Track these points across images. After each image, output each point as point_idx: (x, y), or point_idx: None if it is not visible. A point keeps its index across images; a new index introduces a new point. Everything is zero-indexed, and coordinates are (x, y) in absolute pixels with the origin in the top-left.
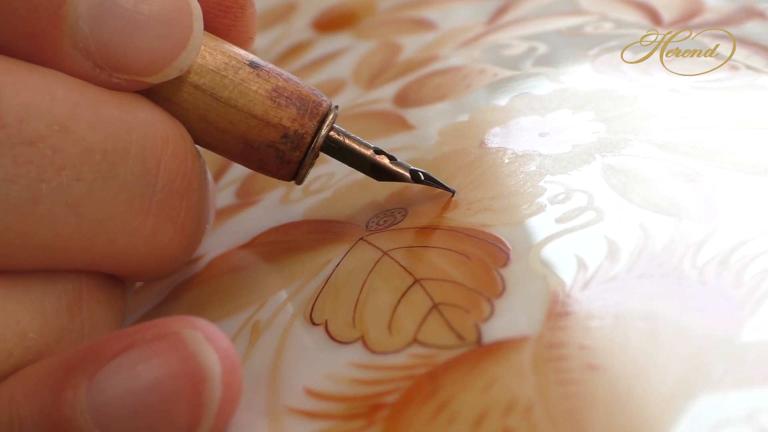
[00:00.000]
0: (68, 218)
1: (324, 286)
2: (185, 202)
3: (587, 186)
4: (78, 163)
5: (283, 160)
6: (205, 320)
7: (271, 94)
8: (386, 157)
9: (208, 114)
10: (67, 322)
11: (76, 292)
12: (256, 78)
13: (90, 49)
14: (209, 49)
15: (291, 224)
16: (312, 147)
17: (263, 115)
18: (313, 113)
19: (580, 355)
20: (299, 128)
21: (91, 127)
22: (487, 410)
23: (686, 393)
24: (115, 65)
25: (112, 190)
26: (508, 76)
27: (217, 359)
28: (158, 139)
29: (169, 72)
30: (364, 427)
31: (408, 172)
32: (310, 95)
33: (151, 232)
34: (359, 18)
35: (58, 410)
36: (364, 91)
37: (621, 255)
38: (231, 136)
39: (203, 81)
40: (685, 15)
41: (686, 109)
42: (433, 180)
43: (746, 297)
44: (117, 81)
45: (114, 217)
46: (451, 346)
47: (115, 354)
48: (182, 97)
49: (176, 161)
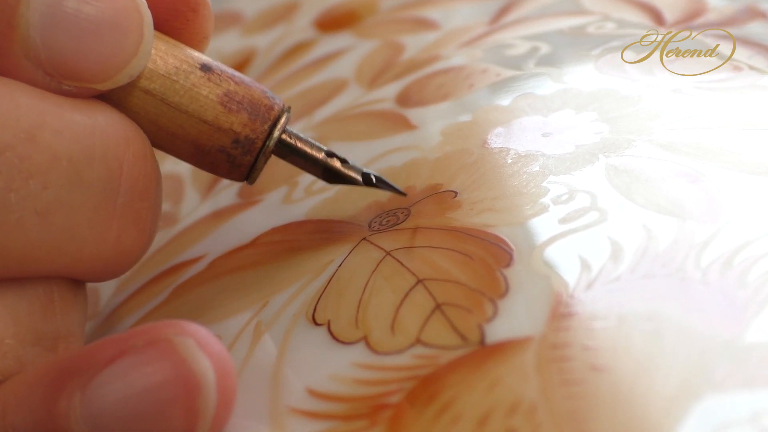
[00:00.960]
0: (37, 226)
1: (326, 287)
2: (146, 204)
3: (590, 186)
4: (45, 170)
5: (234, 164)
6: (196, 325)
7: (222, 99)
8: (338, 160)
9: (159, 119)
10: (41, 324)
11: (48, 296)
12: (207, 82)
13: (40, 58)
14: (160, 53)
15: (293, 224)
16: (263, 151)
17: (214, 120)
18: (264, 117)
19: (583, 355)
20: (250, 133)
21: (57, 133)
22: (490, 411)
23: (690, 394)
24: (66, 73)
25: (79, 196)
26: (511, 76)
27: (209, 365)
28: (120, 141)
29: (120, 79)
30: (367, 427)
31: (360, 175)
32: (261, 99)
33: (116, 236)
34: (361, 17)
35: (53, 420)
36: (366, 91)
37: (624, 256)
38: (182, 140)
39: (154, 86)
40: (687, 15)
41: (690, 109)
42: (385, 183)
43: (750, 298)
44: (67, 88)
45: (81, 224)
46: (454, 346)
47: (107, 362)
48: (133, 102)
49: (138, 162)
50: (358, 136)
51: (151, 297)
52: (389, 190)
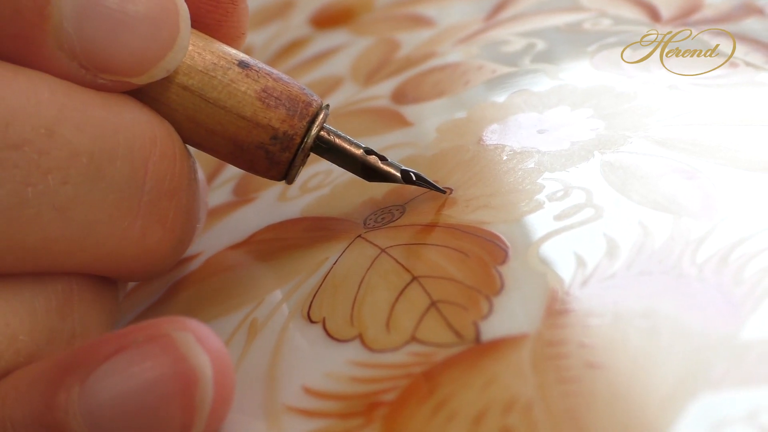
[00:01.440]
0: (55, 222)
1: (321, 284)
2: (174, 203)
3: (586, 183)
4: (65, 166)
5: (272, 161)
6: (196, 321)
7: (260, 94)
8: (377, 157)
9: (197, 115)
10: (58, 323)
11: (66, 293)
12: (245, 78)
13: (75, 49)
14: (198, 48)
15: (288, 222)
16: (302, 148)
17: (252, 116)
18: (302, 114)
19: (579, 353)
20: (289, 129)
21: (78, 129)
22: (486, 409)
23: (687, 392)
24: (101, 66)
25: (100, 193)
26: (507, 72)
27: (208, 361)
28: (146, 140)
29: (156, 73)
30: (362, 425)
31: (399, 172)
32: (299, 95)
33: (139, 234)
34: (357, 14)
35: (50, 414)
36: (362, 88)
37: (620, 252)
38: (220, 137)
39: (191, 82)
40: (684, 11)
41: (685, 106)
42: (425, 181)
43: (746, 295)
44: (102, 82)
45: (101, 220)
46: (450, 344)
47: (106, 356)
48: (170, 97)
49: (164, 162)
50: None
51: (146, 296)
52: (429, 187)
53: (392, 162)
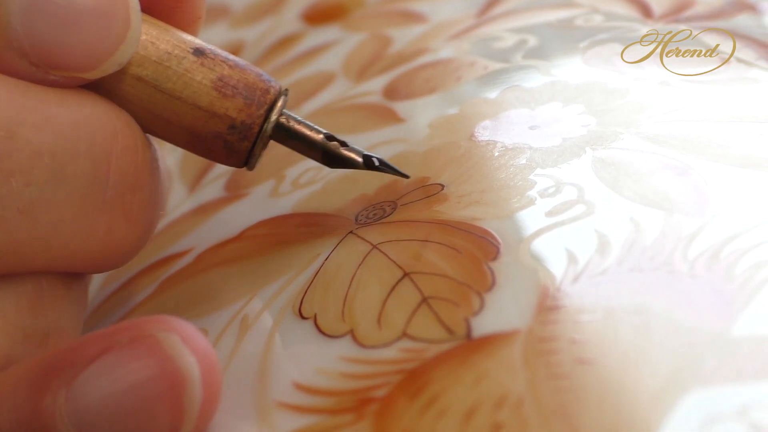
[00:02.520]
0: (21, 224)
1: (313, 280)
2: (138, 196)
3: (577, 179)
4: (27, 167)
5: (231, 150)
6: (181, 320)
7: (216, 84)
8: (338, 143)
9: (152, 106)
10: (30, 321)
11: (36, 291)
12: (201, 67)
13: (24, 47)
14: (151, 38)
15: (280, 217)
16: (260, 136)
17: (209, 106)
18: (260, 102)
19: (570, 349)
20: (246, 118)
21: (38, 129)
22: (477, 405)
23: (678, 387)
24: (51, 63)
25: (64, 192)
26: (499, 68)
27: (195, 361)
28: (107, 133)
29: (108, 67)
30: (353, 421)
31: (361, 157)
32: (257, 82)
33: (105, 230)
34: (349, 10)
35: (37, 417)
36: (354, 84)
37: (611, 249)
38: (177, 127)
39: (146, 73)
40: (675, 8)
41: (677, 102)
42: (388, 166)
43: (737, 291)
44: (54, 78)
45: (67, 219)
46: (441, 340)
47: (92, 358)
48: (124, 89)
49: (127, 155)
50: (345, 129)
51: (138, 290)
52: (392, 173)
53: (354, 147)
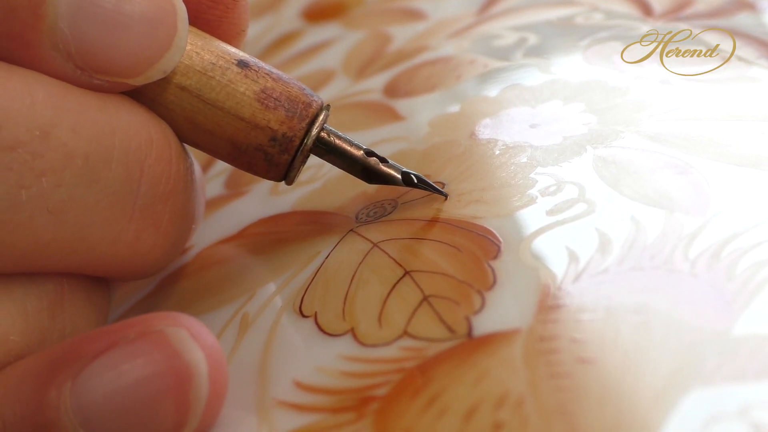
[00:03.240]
0: (48, 225)
1: (313, 278)
2: (169, 207)
3: (578, 178)
4: (59, 168)
5: (271, 162)
6: (189, 316)
7: (259, 95)
8: (378, 159)
9: (195, 116)
10: (49, 322)
11: (57, 293)
12: (244, 79)
13: (70, 49)
14: (196, 48)
15: (280, 215)
16: (301, 149)
17: (251, 117)
18: (302, 115)
19: (571, 348)
20: (288, 131)
21: (73, 131)
22: (478, 403)
23: (678, 387)
24: (96, 66)
25: (94, 196)
26: (499, 66)
27: (203, 357)
28: (142, 142)
29: (153, 74)
30: (354, 420)
31: (400, 174)
32: (299, 96)
33: (133, 238)
34: (349, 8)
35: (42, 411)
36: (354, 82)
37: (612, 247)
38: (218, 138)
39: (189, 82)
40: (675, 6)
41: (678, 100)
42: (427, 183)
43: (738, 290)
44: (98, 82)
45: (95, 223)
46: (442, 338)
47: (98, 353)
48: (168, 98)
49: (160, 165)
50: (346, 127)
51: (137, 288)
52: (431, 190)
53: (393, 164)
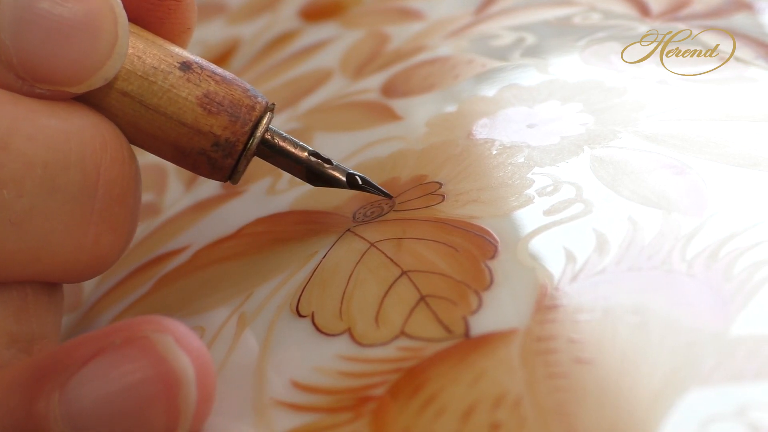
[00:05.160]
0: (12, 235)
1: (311, 278)
2: (124, 208)
3: (576, 178)
4: (19, 178)
5: (215, 166)
6: (174, 321)
7: (201, 100)
8: (322, 161)
9: (137, 121)
10: (16, 327)
11: (22, 298)
12: (186, 83)
13: (12, 61)
14: (137, 51)
15: (277, 215)
16: (244, 153)
17: (193, 123)
18: (245, 119)
19: (568, 348)
20: (230, 136)
21: (31, 139)
22: (475, 404)
23: (676, 387)
24: (38, 76)
25: (55, 203)
26: (496, 66)
27: (189, 362)
28: (96, 145)
29: (94, 82)
30: (351, 420)
31: (345, 176)
32: (242, 98)
33: (92, 241)
34: (346, 7)
35: (32, 421)
36: (352, 81)
37: (610, 248)
38: (161, 142)
39: (131, 88)
40: (673, 6)
41: (675, 100)
42: (371, 185)
43: (736, 291)
44: (40, 91)
45: (57, 230)
46: (439, 338)
47: (85, 360)
48: (110, 103)
49: (115, 166)
50: (343, 126)
51: (134, 288)
52: (375, 192)
53: (338, 165)
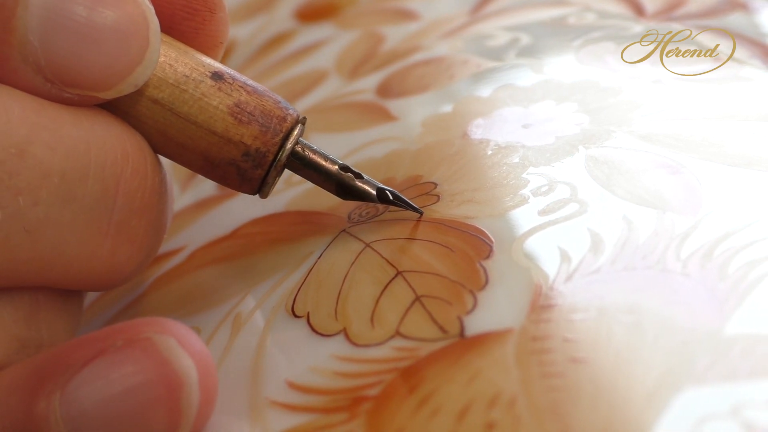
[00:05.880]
0: (25, 244)
1: (306, 278)
2: (144, 221)
3: (570, 178)
4: (36, 187)
5: (244, 177)
6: (176, 322)
7: (232, 110)
8: (353, 175)
9: (167, 129)
10: (26, 332)
11: (33, 304)
12: (218, 92)
13: (40, 63)
14: (169, 60)
15: (273, 215)
16: (275, 165)
17: (224, 132)
18: (276, 130)
19: (563, 348)
20: (261, 146)
21: (50, 148)
22: (470, 403)
23: (671, 387)
24: (66, 80)
25: (70, 214)
26: (492, 66)
27: (192, 364)
28: (118, 156)
29: (124, 88)
30: (347, 420)
31: (375, 190)
32: (274, 109)
33: (109, 253)
34: (341, 8)
35: (32, 422)
36: (347, 82)
37: (604, 247)
38: (191, 151)
39: (162, 95)
40: (668, 6)
41: (670, 100)
42: (402, 200)
43: (730, 290)
44: (68, 96)
45: (71, 241)
46: (434, 338)
47: (86, 362)
48: (140, 111)
49: (136, 179)
50: (338, 127)
51: (131, 289)
52: (406, 207)
53: (368, 179)
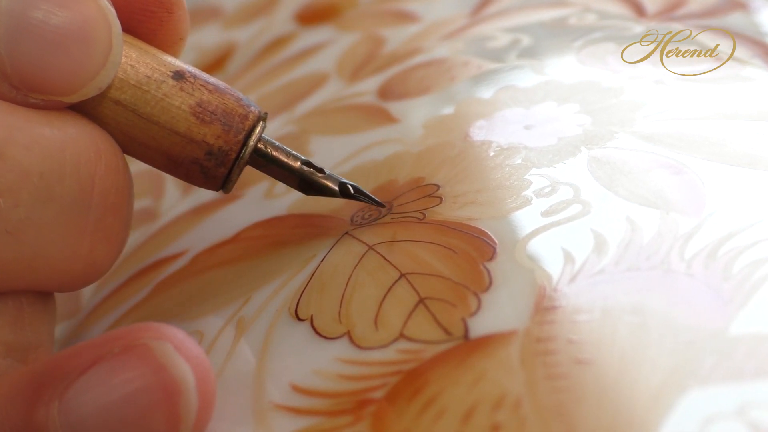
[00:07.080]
0: (7, 245)
1: (309, 281)
2: (118, 218)
3: (573, 179)
4: (16, 188)
5: (208, 175)
6: (173, 327)
7: (194, 109)
8: (315, 170)
9: (131, 130)
10: (12, 336)
11: (17, 308)
12: (179, 92)
13: (6, 70)
14: (131, 61)
15: (275, 219)
16: (237, 162)
17: (186, 132)
18: (238, 128)
19: (568, 349)
20: (223, 145)
21: (27, 149)
22: (475, 405)
23: (676, 387)
24: (31, 86)
25: (51, 213)
26: (492, 68)
27: (189, 369)
28: (91, 154)
29: (88, 91)
30: (351, 423)
31: (337, 185)
32: (235, 108)
33: (87, 251)
34: (342, 10)
35: (31, 430)
36: (348, 84)
37: (608, 248)
38: (154, 150)
39: (124, 97)
40: (668, 6)
41: (672, 100)
42: (364, 194)
43: (735, 290)
44: (34, 101)
45: (52, 241)
46: (438, 340)
47: (84, 369)
48: (104, 112)
49: (109, 176)
50: (339, 129)
51: (132, 293)
52: (368, 201)
53: (331, 175)
